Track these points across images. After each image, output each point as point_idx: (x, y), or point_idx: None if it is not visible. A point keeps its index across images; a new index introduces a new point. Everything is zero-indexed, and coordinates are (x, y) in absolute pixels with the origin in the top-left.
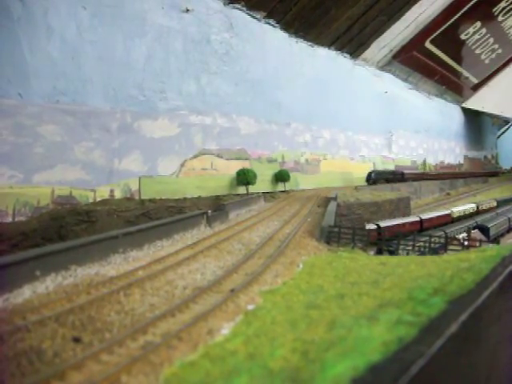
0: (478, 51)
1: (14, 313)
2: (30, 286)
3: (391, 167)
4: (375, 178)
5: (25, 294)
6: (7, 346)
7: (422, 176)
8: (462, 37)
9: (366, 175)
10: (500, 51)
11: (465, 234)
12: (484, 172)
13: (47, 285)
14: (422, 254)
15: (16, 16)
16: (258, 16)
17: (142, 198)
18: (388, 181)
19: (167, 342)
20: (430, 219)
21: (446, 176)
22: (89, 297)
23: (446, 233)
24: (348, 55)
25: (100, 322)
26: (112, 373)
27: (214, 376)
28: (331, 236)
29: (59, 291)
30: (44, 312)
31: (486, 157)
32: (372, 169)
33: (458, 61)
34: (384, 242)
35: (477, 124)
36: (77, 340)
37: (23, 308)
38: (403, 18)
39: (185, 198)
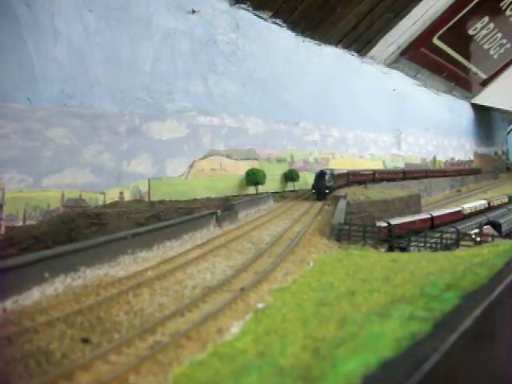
0: (486, 46)
1: (23, 314)
2: (38, 287)
3: (401, 165)
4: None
5: (34, 295)
6: (16, 348)
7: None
8: (470, 32)
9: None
10: (508, 46)
11: (477, 230)
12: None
13: (56, 286)
14: (434, 250)
15: (23, 20)
16: (264, 16)
17: (152, 199)
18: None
19: (176, 341)
20: (441, 216)
21: (408, 176)
22: (98, 298)
23: (457, 229)
24: (355, 53)
25: (109, 322)
26: (120, 373)
27: (223, 375)
28: (341, 234)
29: (68, 292)
30: (53, 313)
31: (496, 153)
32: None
33: (467, 56)
34: (395, 239)
35: (486, 120)
36: (85, 341)
37: (32, 309)
38: (410, 14)
39: (194, 199)
